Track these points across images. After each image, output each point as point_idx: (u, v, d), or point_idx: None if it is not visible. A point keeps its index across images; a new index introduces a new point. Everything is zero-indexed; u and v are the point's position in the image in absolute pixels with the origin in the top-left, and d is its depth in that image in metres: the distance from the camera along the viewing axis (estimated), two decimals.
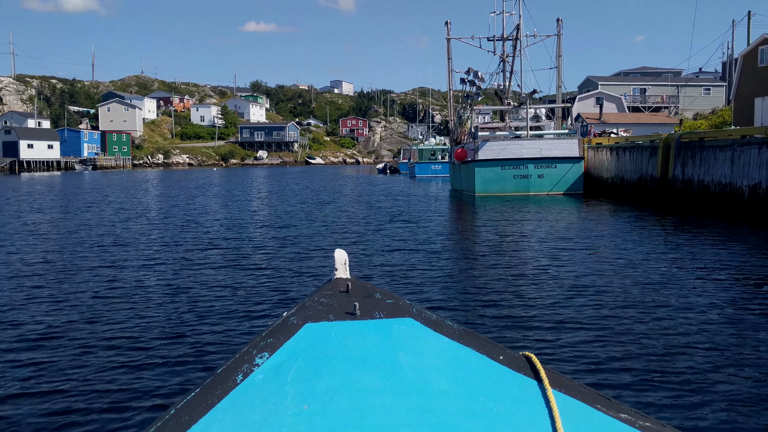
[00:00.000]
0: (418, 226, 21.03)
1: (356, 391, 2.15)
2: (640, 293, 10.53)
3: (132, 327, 8.71)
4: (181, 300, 10.39)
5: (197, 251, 15.94)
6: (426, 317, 2.46)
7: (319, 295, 2.52)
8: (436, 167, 68.38)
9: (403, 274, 12.43)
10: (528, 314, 9.18)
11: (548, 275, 12.17)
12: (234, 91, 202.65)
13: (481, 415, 2.13)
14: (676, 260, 13.82)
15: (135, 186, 55.09)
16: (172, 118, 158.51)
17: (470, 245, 16.90)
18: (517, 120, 37.35)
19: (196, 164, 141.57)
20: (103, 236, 19.08)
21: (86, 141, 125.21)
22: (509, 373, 2.29)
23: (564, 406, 2.17)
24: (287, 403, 2.10)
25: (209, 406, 2.09)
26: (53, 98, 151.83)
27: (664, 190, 26.63)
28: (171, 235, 19.49)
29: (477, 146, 33.37)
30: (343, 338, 2.33)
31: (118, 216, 25.91)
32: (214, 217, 25.62)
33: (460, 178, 38.45)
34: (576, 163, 33.08)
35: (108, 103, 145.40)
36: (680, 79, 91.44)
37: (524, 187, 33.29)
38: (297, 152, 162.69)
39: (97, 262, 14.41)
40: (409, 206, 29.09)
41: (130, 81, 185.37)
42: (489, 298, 10.31)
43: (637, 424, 2.16)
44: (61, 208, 30.06)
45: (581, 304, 9.74)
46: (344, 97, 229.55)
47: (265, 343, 2.30)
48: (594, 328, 8.40)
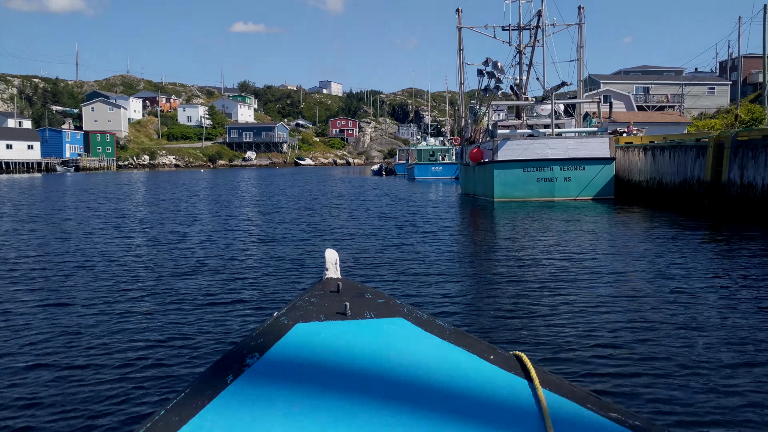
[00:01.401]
0: (435, 237, 18.31)
1: (347, 391, 2.13)
2: (704, 324, 8.57)
3: (120, 327, 8.69)
4: (171, 300, 10.26)
5: (188, 250, 15.89)
6: (417, 317, 2.45)
7: (310, 295, 2.50)
8: (437, 168, 65.14)
9: (432, 299, 10.33)
10: (566, 347, 7.67)
11: (587, 300, 10.09)
12: (222, 92, 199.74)
13: (472, 414, 2.12)
14: (740, 279, 11.50)
15: (117, 188, 51.53)
16: (159, 118, 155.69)
17: (494, 261, 14.24)
18: (534, 117, 33.87)
19: (182, 165, 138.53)
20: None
21: (68, 141, 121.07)
22: (500, 373, 2.28)
23: (554, 405, 2.16)
24: (278, 403, 2.08)
25: (199, 406, 2.06)
26: (35, 97, 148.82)
27: (716, 195, 23.45)
28: (158, 236, 18.74)
29: (496, 145, 29.98)
30: (333, 338, 2.32)
31: (89, 224, 22.49)
32: (203, 218, 23.69)
33: (474, 180, 35.00)
34: (606, 165, 29.77)
35: (92, 102, 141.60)
36: (682, 77, 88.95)
37: (549, 192, 29.98)
38: (286, 153, 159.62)
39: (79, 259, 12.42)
40: (419, 214, 25.89)
41: (116, 81, 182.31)
42: (528, 328, 8.58)
43: (627, 423, 2.14)
44: (20, 217, 26.49)
45: (632, 340, 7.90)
46: (333, 97, 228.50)
47: (255, 344, 2.27)
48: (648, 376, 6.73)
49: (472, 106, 37.80)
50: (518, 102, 34.82)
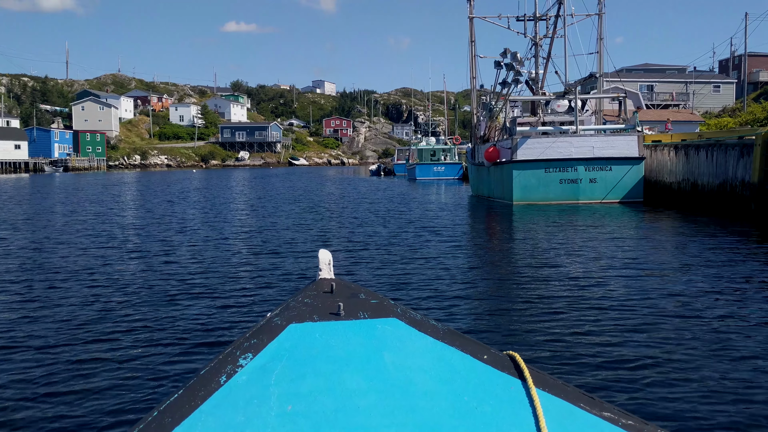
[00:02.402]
0: (458, 247, 16.22)
1: (341, 392, 2.11)
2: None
3: (112, 328, 8.41)
4: (164, 302, 10.05)
5: (181, 251, 15.76)
6: (410, 317, 2.42)
7: (304, 296, 2.47)
8: (439, 169, 62.79)
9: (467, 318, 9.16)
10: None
11: (621, 326, 8.60)
12: (214, 91, 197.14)
13: (465, 414, 2.10)
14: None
15: (105, 189, 49.00)
16: (150, 117, 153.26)
17: (521, 275, 12.42)
18: (551, 114, 31.45)
19: (174, 165, 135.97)
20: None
21: (57, 141, 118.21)
22: (493, 373, 2.25)
23: (548, 404, 2.14)
24: (271, 404, 2.07)
25: (192, 407, 2.04)
26: (24, 96, 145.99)
27: (765, 199, 21.23)
28: (150, 236, 17.72)
29: (515, 144, 27.64)
30: (327, 339, 2.29)
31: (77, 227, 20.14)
32: (197, 221, 21.71)
33: (489, 182, 32.62)
34: (635, 165, 27.49)
35: (82, 101, 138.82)
36: (688, 75, 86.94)
37: (573, 194, 27.71)
38: (280, 153, 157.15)
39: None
40: (436, 219, 23.61)
41: (107, 80, 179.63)
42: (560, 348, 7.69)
43: (620, 422, 2.12)
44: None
45: (679, 378, 6.56)
46: (326, 97, 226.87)
47: (248, 344, 2.25)
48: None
49: (487, 102, 35.29)
50: (542, 97, 32.23)
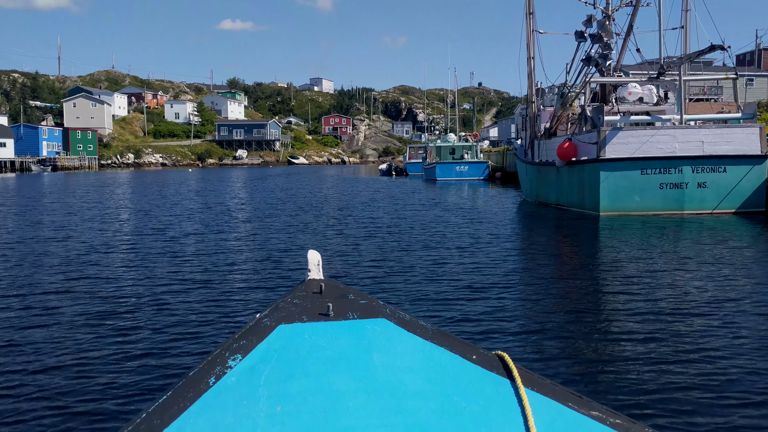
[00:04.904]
0: (541, 277, 10.93)
1: (330, 393, 2.11)
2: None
3: (102, 329, 8.35)
4: (153, 302, 9.91)
5: (172, 252, 15.47)
6: (399, 318, 2.40)
7: (293, 297, 2.45)
8: (462, 168, 57.01)
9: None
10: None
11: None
12: (211, 89, 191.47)
13: (454, 414, 2.10)
14: None
15: (97, 190, 43.25)
16: (145, 115, 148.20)
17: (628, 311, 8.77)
18: (624, 103, 25.72)
19: (170, 164, 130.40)
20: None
21: (45, 138, 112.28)
22: (482, 373, 2.25)
23: (536, 404, 2.14)
24: (260, 405, 2.05)
25: (181, 409, 2.03)
26: (13, 93, 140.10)
27: None
28: (142, 234, 15.90)
29: (603, 138, 22.05)
30: (316, 339, 2.28)
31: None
32: (194, 219, 17.95)
33: (559, 185, 26.65)
34: (756, 165, 21.96)
35: (73, 98, 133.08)
36: (713, 69, 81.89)
37: (676, 202, 22.12)
38: (279, 151, 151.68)
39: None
40: (492, 233, 18.29)
41: (100, 76, 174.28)
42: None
43: (608, 421, 2.12)
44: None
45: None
46: (324, 95, 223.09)
47: (237, 345, 2.23)
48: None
49: (559, 86, 29.24)
50: (633, 79, 26.24)
